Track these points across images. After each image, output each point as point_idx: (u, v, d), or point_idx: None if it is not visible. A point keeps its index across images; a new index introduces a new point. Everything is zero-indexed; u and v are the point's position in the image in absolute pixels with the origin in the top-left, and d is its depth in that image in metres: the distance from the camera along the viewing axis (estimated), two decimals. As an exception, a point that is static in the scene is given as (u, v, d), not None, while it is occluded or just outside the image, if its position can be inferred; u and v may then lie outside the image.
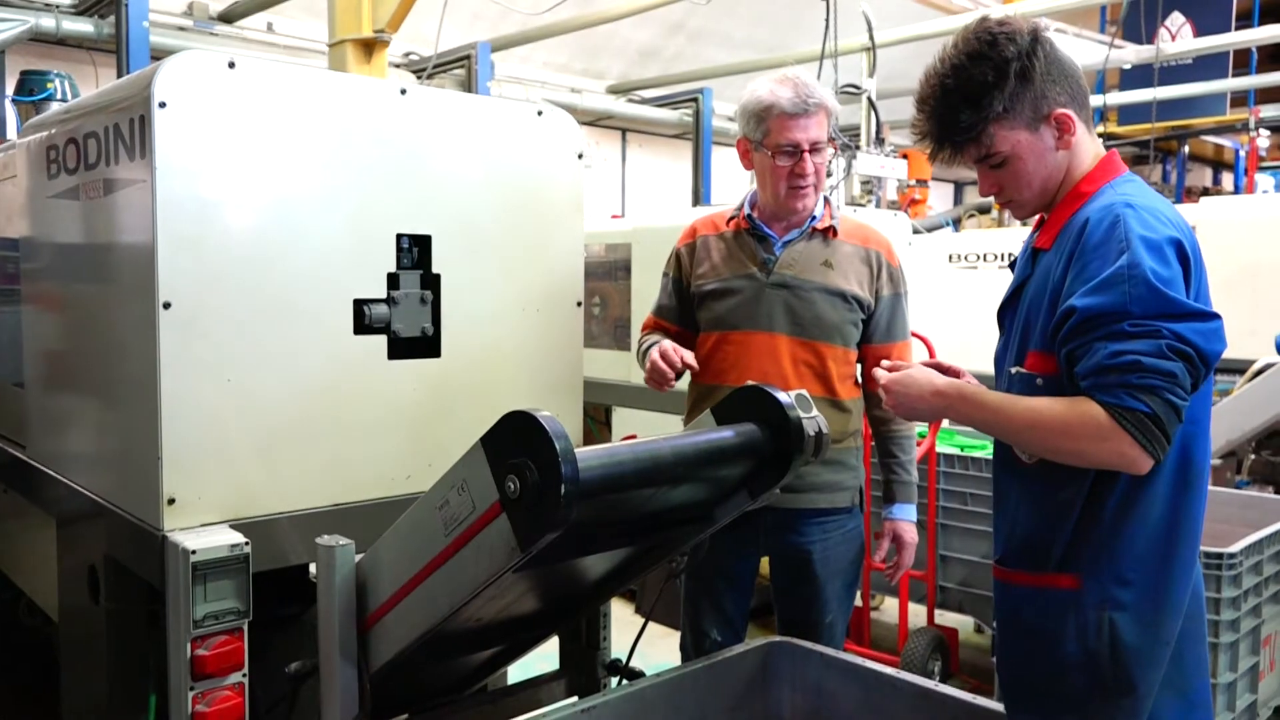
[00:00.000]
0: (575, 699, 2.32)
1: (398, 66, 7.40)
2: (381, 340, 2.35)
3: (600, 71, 10.38)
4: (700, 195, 8.23)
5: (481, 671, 2.30)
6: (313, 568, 1.90)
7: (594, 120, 9.96)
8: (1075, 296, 1.59)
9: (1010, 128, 1.68)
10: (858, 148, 5.39)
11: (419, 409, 2.42)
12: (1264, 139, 11.76)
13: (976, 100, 1.66)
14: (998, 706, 1.81)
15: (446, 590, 1.72)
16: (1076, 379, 1.58)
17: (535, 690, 2.48)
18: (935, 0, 8.31)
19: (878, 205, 6.23)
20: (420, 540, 1.75)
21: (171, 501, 2.06)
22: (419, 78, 6.37)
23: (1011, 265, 1.86)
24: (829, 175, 5.20)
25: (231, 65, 2.10)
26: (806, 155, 2.39)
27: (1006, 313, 1.82)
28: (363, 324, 2.31)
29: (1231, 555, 3.15)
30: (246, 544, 2.05)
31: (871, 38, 5.77)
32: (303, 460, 2.25)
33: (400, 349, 2.38)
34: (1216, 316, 1.56)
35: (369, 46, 3.36)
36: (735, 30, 10.35)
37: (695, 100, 8.43)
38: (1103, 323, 1.54)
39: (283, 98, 2.18)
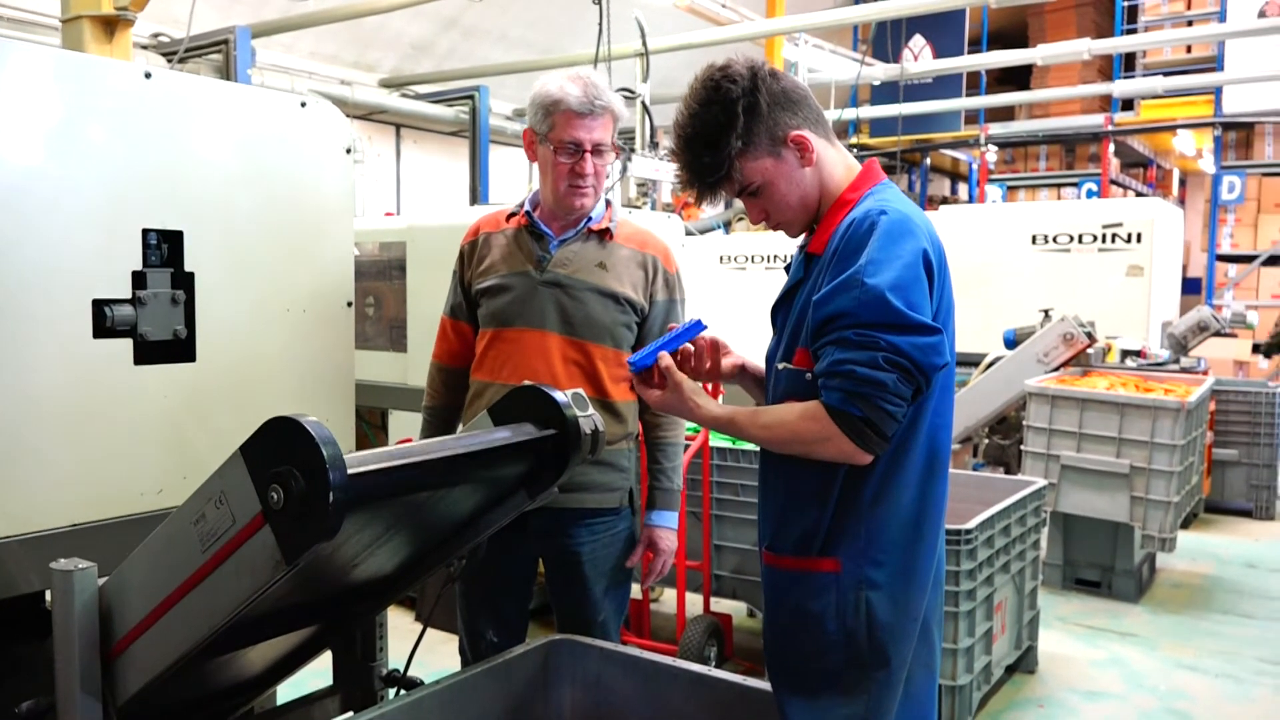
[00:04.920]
0: (350, 714, 2.23)
1: (145, 48, 6.86)
2: (126, 344, 2.16)
3: (372, 64, 10.05)
4: (478, 194, 8.13)
5: (247, 694, 2.17)
6: (48, 595, 1.72)
7: (366, 114, 9.62)
8: (818, 293, 1.70)
9: (754, 159, 1.80)
10: (633, 151, 5.49)
11: (172, 418, 2.25)
12: (992, 153, 13.03)
13: (715, 142, 1.78)
14: (767, 686, 1.89)
15: (205, 610, 1.61)
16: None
17: (307, 709, 2.36)
18: (704, 11, 8.64)
19: (653, 207, 6.38)
20: (174, 558, 1.63)
21: None
22: (170, 62, 5.92)
23: (787, 269, 1.96)
24: (606, 178, 5.27)
25: (-61, 36, 1.88)
26: (588, 155, 2.41)
27: (779, 312, 1.91)
28: (104, 326, 2.12)
29: (968, 531, 3.47)
30: (-34, 573, 1.83)
31: (645, 44, 5.90)
32: (35, 477, 2.04)
33: (148, 353, 2.20)
34: (938, 331, 1.67)
35: (110, 24, 3.07)
36: (510, 29, 10.32)
37: (471, 98, 8.31)
38: (834, 327, 1.67)
39: (3, 76, 1.96)
